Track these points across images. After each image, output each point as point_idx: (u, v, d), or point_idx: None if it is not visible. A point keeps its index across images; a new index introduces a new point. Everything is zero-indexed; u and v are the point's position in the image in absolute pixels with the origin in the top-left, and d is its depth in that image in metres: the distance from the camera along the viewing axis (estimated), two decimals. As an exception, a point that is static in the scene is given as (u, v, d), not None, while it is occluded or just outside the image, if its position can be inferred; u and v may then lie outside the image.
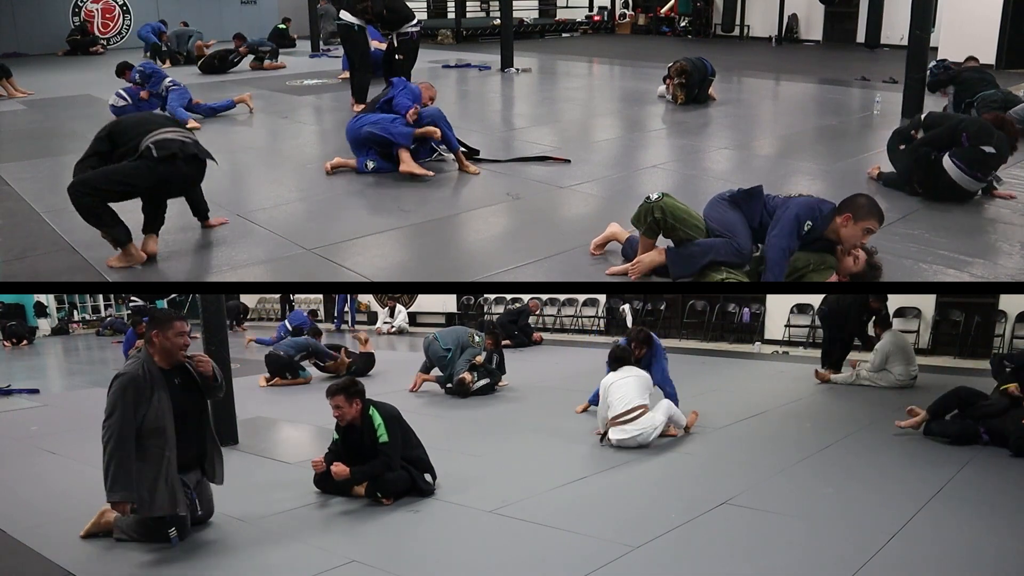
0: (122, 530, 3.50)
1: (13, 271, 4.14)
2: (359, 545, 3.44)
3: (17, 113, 9.24)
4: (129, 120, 4.42)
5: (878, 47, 16.10)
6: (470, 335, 7.29)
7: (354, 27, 8.08)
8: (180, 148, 4.10)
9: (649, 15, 22.16)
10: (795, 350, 9.55)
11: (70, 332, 15.98)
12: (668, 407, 5.18)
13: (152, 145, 4.02)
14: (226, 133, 7.73)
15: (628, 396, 4.99)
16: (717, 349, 9.95)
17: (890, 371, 6.80)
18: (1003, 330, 8.54)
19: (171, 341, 3.40)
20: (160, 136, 4.07)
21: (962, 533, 3.42)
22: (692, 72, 8.64)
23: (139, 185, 4.07)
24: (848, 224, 3.87)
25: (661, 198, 3.97)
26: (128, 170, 4.01)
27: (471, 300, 13.68)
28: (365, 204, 5.24)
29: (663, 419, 5.05)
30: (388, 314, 13.32)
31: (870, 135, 7.37)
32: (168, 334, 3.40)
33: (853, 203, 3.92)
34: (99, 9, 18.84)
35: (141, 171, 4.01)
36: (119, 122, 4.35)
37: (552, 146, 6.67)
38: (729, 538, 3.43)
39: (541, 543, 3.40)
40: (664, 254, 3.98)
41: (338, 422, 4.10)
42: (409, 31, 8.48)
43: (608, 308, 12.02)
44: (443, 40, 18.73)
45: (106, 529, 3.53)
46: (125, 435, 3.26)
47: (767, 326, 10.33)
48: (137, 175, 4.01)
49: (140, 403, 3.29)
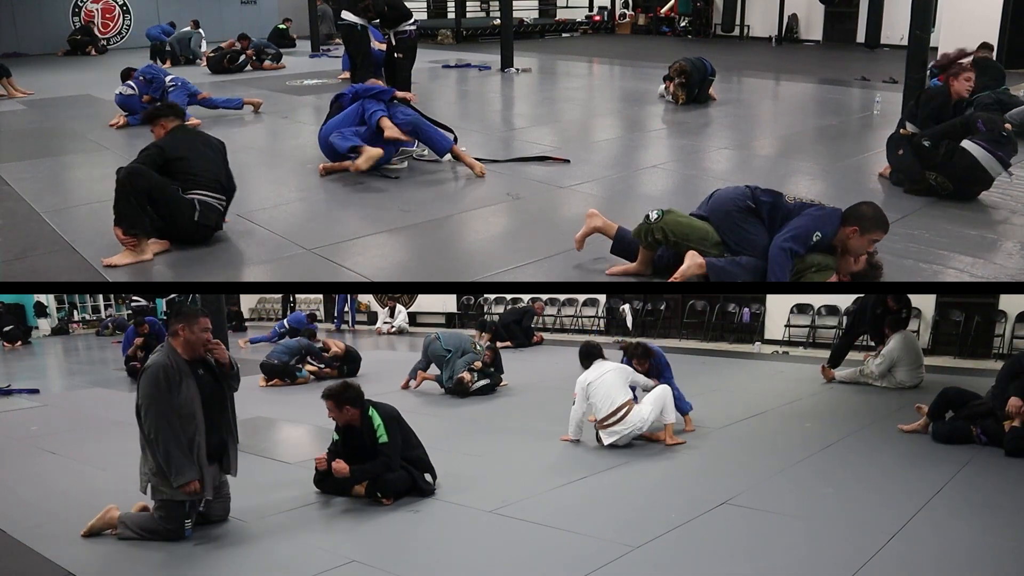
0: (128, 527, 3.50)
1: (13, 271, 4.14)
2: (359, 545, 3.44)
3: (17, 113, 9.24)
4: (181, 146, 4.42)
5: (878, 47, 16.10)
6: (473, 343, 7.28)
7: (357, 27, 8.11)
8: (215, 223, 4.38)
9: (649, 15, 22.16)
10: (795, 350, 9.55)
11: (70, 332, 15.98)
12: (657, 397, 4.95)
13: (198, 205, 4.26)
14: (226, 133, 7.69)
15: (612, 394, 4.86)
16: (717, 349, 9.95)
17: (894, 375, 6.77)
18: (1003, 330, 8.53)
19: (196, 335, 3.51)
20: (205, 199, 4.31)
21: (962, 533, 3.42)
22: (692, 72, 8.64)
23: (172, 214, 4.23)
24: (855, 236, 3.86)
25: (661, 217, 3.90)
26: (173, 200, 4.21)
27: (471, 300, 13.68)
28: (365, 204, 5.24)
29: (651, 412, 4.88)
30: (388, 314, 13.32)
31: (870, 135, 7.37)
32: (194, 328, 3.51)
33: (859, 214, 3.90)
34: (99, 9, 18.84)
35: (182, 209, 4.23)
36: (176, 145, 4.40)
37: (552, 146, 6.67)
38: (729, 538, 3.43)
39: (541, 543, 3.40)
40: (704, 267, 3.85)
41: (336, 423, 4.11)
42: (407, 30, 8.50)
43: (608, 308, 12.02)
44: (443, 40, 18.73)
45: (110, 525, 3.53)
46: (169, 420, 3.39)
47: (767, 326, 10.32)
48: (177, 210, 4.22)
49: (172, 389, 3.41)
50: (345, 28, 8.26)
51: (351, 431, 4.06)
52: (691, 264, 3.84)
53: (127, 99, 8.15)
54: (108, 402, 7.46)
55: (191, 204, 4.25)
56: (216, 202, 4.38)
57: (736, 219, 3.93)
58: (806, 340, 9.83)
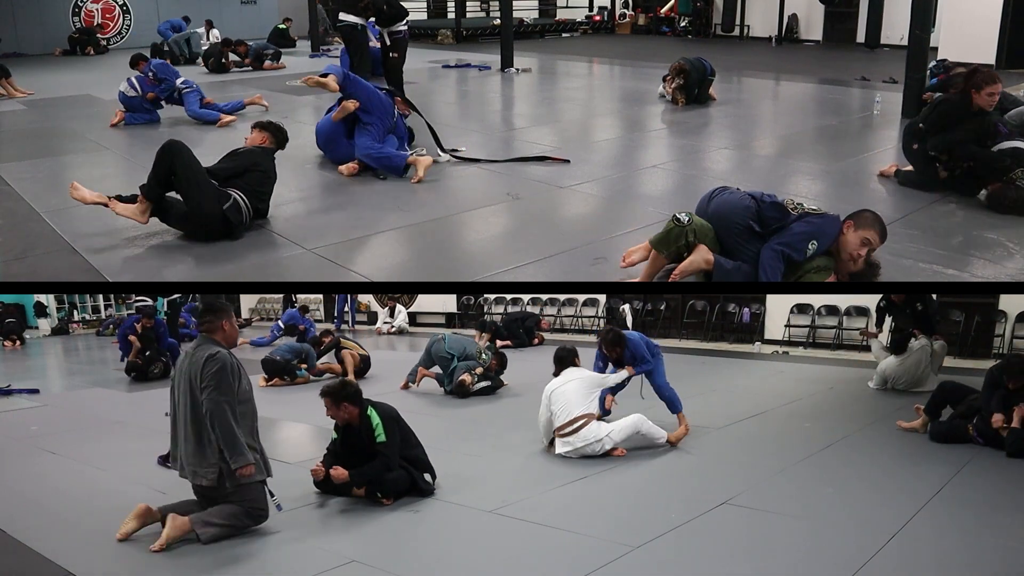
0: (213, 524, 3.45)
1: (13, 271, 4.14)
2: (359, 545, 3.44)
3: (17, 113, 9.24)
4: (265, 163, 4.84)
5: (878, 47, 16.09)
6: (479, 350, 7.26)
7: (358, 27, 8.15)
8: (239, 222, 4.49)
9: (649, 15, 22.16)
10: (795, 350, 9.55)
11: (70, 332, 15.96)
12: (634, 423, 4.75)
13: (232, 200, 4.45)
14: (227, 133, 7.73)
15: (569, 405, 4.72)
16: (717, 349, 9.95)
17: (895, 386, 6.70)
18: (1003, 330, 8.54)
19: (235, 328, 3.73)
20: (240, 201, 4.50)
21: (962, 533, 3.42)
22: (691, 72, 8.65)
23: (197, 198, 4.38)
24: (848, 230, 3.84)
25: (692, 220, 3.82)
26: (201, 186, 4.39)
27: (471, 300, 13.68)
28: (365, 204, 5.24)
29: (616, 434, 4.67)
30: (388, 314, 13.32)
31: (870, 135, 7.38)
32: (233, 322, 3.71)
33: (858, 213, 3.91)
34: (99, 9, 18.84)
35: (209, 196, 4.39)
36: (264, 160, 4.86)
37: (552, 146, 6.67)
38: (729, 538, 3.43)
39: (541, 543, 3.40)
40: (712, 264, 3.80)
41: (336, 422, 4.11)
42: (401, 29, 8.56)
43: (608, 308, 12.02)
44: (443, 40, 18.72)
45: (184, 531, 3.41)
46: (233, 409, 3.49)
47: (767, 326, 10.32)
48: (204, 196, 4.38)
49: (234, 379, 3.52)
50: (346, 28, 8.29)
51: (350, 430, 4.06)
52: (699, 258, 3.77)
53: (129, 100, 8.15)
54: (108, 402, 7.46)
55: (225, 195, 4.42)
56: (247, 210, 4.53)
57: (735, 232, 3.88)
58: (806, 340, 9.83)
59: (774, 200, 3.95)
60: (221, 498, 3.52)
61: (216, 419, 3.43)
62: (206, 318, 3.66)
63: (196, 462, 3.51)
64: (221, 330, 3.62)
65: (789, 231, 3.81)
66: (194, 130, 7.81)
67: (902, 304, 6.85)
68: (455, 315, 13.72)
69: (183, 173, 4.34)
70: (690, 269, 3.80)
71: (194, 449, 3.51)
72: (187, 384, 3.52)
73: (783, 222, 3.85)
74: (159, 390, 7.96)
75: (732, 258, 3.86)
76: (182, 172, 4.34)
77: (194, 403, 3.49)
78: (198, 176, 4.39)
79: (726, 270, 3.82)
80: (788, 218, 3.86)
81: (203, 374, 3.46)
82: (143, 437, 5.63)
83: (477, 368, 7.08)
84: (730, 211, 3.91)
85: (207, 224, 4.41)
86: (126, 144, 7.29)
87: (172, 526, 3.40)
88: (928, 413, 5.10)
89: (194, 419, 3.50)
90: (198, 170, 4.42)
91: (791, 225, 3.83)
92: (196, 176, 4.38)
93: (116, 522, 3.61)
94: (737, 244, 3.87)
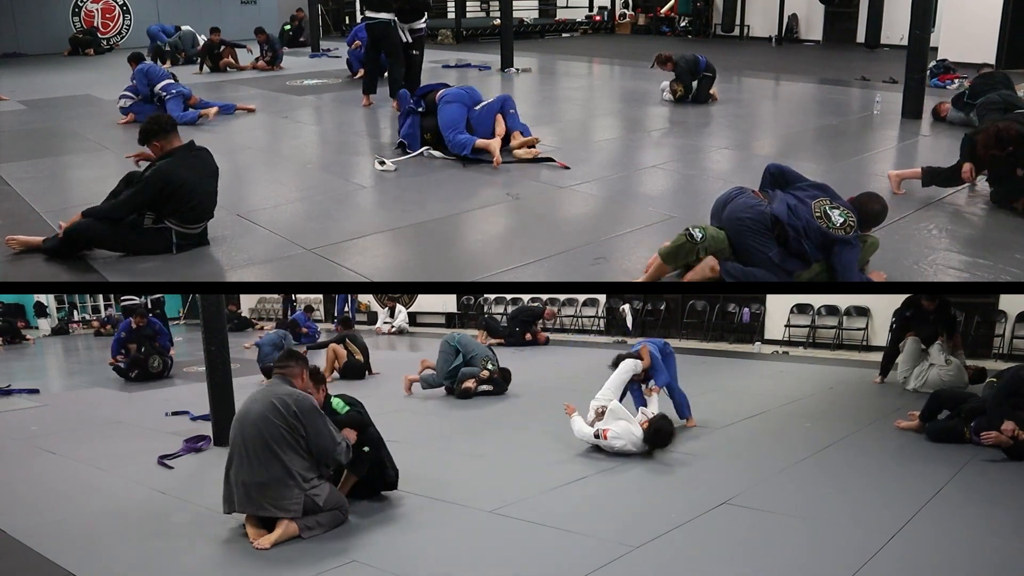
0: (320, 524, 3.52)
1: (13, 271, 4.14)
2: (359, 545, 3.44)
3: (17, 113, 9.24)
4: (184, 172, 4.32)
5: (878, 47, 16.09)
6: (485, 358, 7.21)
7: (390, 23, 8.25)
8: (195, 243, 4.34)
9: (649, 15, 22.15)
10: (795, 350, 9.55)
11: (70, 332, 15.97)
12: (622, 430, 4.74)
13: (175, 237, 4.27)
14: (226, 133, 7.72)
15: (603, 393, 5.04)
16: (717, 349, 9.95)
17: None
18: (1003, 330, 8.54)
19: (308, 385, 3.76)
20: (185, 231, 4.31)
21: (963, 533, 3.42)
22: (678, 61, 8.74)
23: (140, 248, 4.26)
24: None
25: (705, 237, 3.84)
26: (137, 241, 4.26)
27: (471, 300, 13.68)
28: (365, 204, 5.24)
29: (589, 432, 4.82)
30: (388, 314, 13.32)
31: (870, 135, 7.37)
32: (307, 379, 3.76)
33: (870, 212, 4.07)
34: (99, 9, 18.84)
35: (152, 242, 4.26)
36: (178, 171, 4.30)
37: (552, 146, 6.66)
38: (729, 538, 3.43)
39: (541, 543, 3.40)
40: (718, 271, 3.85)
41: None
42: (421, 26, 8.65)
43: (608, 308, 12.02)
44: (443, 40, 18.72)
45: (290, 534, 3.45)
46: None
47: (767, 326, 10.32)
48: (145, 244, 4.26)
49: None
50: (379, 26, 8.35)
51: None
52: (705, 267, 3.84)
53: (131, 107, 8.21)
54: (108, 402, 7.46)
55: (167, 235, 4.26)
56: (196, 231, 4.37)
57: (748, 237, 3.91)
58: (806, 340, 9.83)
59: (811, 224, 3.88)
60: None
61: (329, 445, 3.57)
62: (288, 363, 3.71)
63: (275, 495, 3.44)
64: (300, 379, 3.68)
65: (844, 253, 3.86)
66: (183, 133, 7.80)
67: (932, 311, 6.73)
68: (455, 315, 13.72)
69: (114, 242, 4.26)
70: (695, 279, 3.86)
71: (269, 481, 3.45)
72: (265, 418, 3.46)
73: (808, 230, 3.86)
74: (159, 390, 7.97)
75: (746, 262, 3.89)
76: (114, 242, 4.26)
77: (273, 436, 3.44)
78: (125, 239, 4.26)
79: (734, 274, 3.85)
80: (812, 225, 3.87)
81: (302, 409, 3.49)
82: (143, 437, 5.64)
83: (483, 372, 7.04)
84: (746, 217, 3.94)
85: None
86: (126, 144, 7.28)
87: (283, 532, 3.43)
88: (923, 420, 5.10)
89: (271, 452, 3.44)
90: (124, 234, 4.26)
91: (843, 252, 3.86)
92: (127, 239, 4.26)
93: (116, 522, 3.62)
94: (751, 249, 3.90)
